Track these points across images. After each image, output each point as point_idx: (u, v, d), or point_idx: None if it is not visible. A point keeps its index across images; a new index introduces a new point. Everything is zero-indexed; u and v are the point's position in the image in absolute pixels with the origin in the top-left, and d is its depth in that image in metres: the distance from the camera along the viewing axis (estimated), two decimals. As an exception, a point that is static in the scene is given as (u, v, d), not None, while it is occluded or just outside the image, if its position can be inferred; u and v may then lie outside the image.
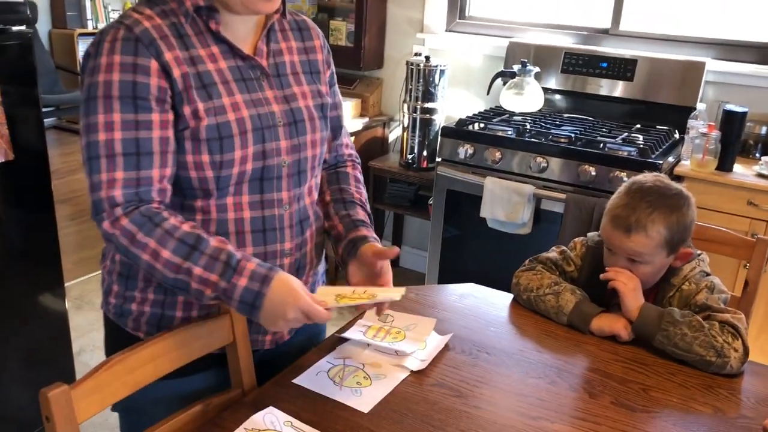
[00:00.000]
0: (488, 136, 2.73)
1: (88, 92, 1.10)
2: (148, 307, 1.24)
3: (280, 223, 1.25)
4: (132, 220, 1.10)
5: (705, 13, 2.95)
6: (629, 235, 1.39)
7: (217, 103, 1.14)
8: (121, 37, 1.09)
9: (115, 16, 6.40)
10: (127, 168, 1.09)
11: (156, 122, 1.11)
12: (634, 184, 1.45)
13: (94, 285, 3.34)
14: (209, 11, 1.15)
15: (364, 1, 3.32)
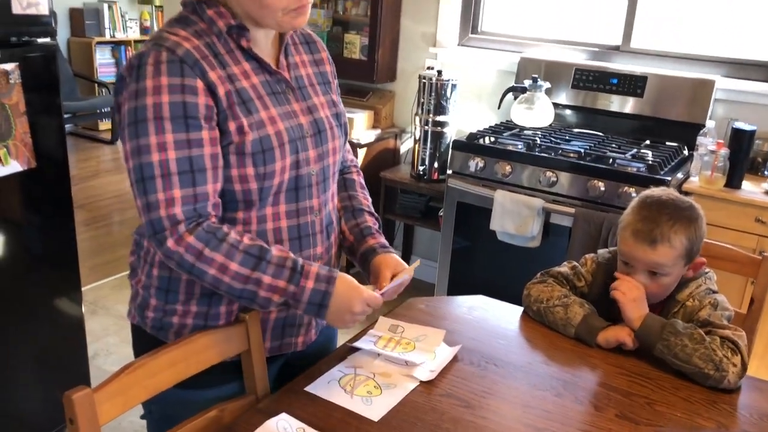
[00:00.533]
0: (499, 150, 2.76)
1: (135, 115, 1.12)
2: (190, 320, 1.28)
3: (313, 229, 1.31)
4: (197, 237, 1.13)
5: (715, 32, 2.97)
6: (655, 247, 1.41)
7: (257, 117, 1.19)
8: (165, 60, 1.12)
9: (132, 25, 6.54)
10: (183, 186, 1.13)
11: (206, 140, 1.14)
12: (648, 198, 1.47)
13: (108, 290, 3.39)
14: (240, 29, 1.20)
15: (378, 16, 3.38)
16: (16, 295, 2.17)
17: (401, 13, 3.50)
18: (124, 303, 3.16)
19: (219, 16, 1.19)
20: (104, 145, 6.10)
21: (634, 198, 2.43)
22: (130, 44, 6.55)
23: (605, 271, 1.56)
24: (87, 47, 6.20)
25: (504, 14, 3.44)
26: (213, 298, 1.26)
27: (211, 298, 1.26)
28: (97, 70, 6.26)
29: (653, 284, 1.44)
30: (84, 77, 6.12)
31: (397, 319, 1.52)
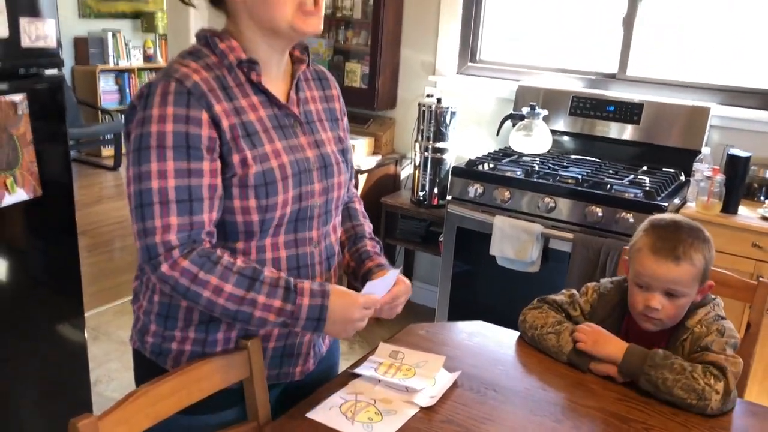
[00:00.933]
0: (497, 177, 2.80)
1: (139, 142, 1.15)
2: (188, 346, 1.30)
3: (312, 260, 1.33)
4: (192, 261, 1.16)
5: (709, 60, 3.02)
6: (678, 263, 1.42)
7: (261, 150, 1.22)
8: (173, 90, 1.15)
9: (136, 53, 6.64)
10: (180, 214, 1.15)
11: (206, 170, 1.17)
12: (661, 220, 1.50)
13: (111, 316, 3.40)
14: (250, 63, 1.23)
15: (378, 45, 3.43)
16: (20, 321, 2.18)
17: (401, 42, 3.57)
18: (125, 329, 3.19)
19: (230, 50, 1.22)
20: (107, 171, 6.15)
21: (632, 222, 2.48)
22: (133, 72, 6.64)
23: (607, 303, 1.58)
24: (91, 75, 6.28)
25: (502, 43, 3.50)
26: (210, 325, 1.28)
27: (209, 325, 1.28)
28: (101, 97, 6.34)
29: (670, 305, 1.45)
30: (88, 104, 6.20)
31: (397, 345, 1.53)
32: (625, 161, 3.00)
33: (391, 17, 3.46)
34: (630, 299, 1.51)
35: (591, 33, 3.28)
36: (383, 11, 3.39)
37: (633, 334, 1.57)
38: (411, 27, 3.53)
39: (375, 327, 3.49)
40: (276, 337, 1.33)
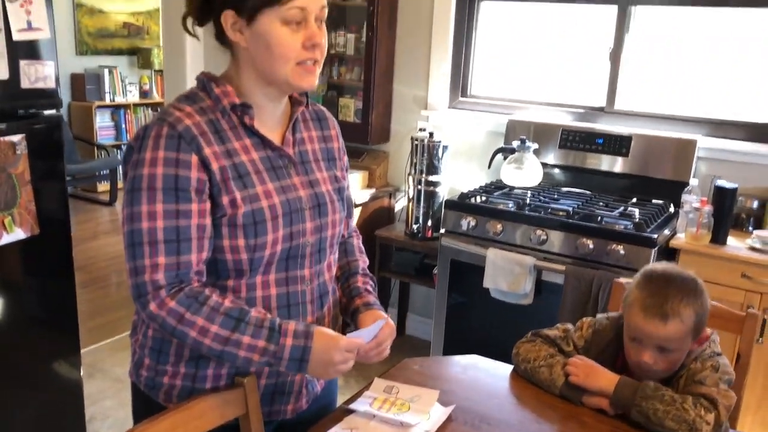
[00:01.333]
0: (490, 209, 2.84)
1: (132, 184, 1.21)
2: (179, 381, 1.32)
3: (303, 298, 1.35)
4: (179, 302, 1.20)
5: (695, 93, 3.09)
6: (666, 322, 1.41)
7: (252, 191, 1.26)
8: (165, 134, 1.20)
9: (132, 89, 6.71)
10: (168, 254, 1.19)
11: (194, 211, 1.21)
12: (653, 273, 1.49)
13: (106, 353, 3.40)
14: (243, 108, 1.27)
15: (371, 80, 3.50)
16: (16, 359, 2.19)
17: (394, 77, 3.63)
18: (121, 365, 3.19)
19: (224, 95, 1.27)
20: (102, 207, 6.18)
21: (622, 253, 2.52)
22: (129, 107, 6.70)
23: (602, 339, 1.58)
24: (87, 111, 6.34)
25: (492, 78, 3.57)
26: (200, 361, 1.30)
27: (199, 361, 1.31)
28: (97, 133, 6.39)
29: (662, 360, 1.45)
30: (84, 140, 6.25)
31: (391, 380, 1.55)
32: (615, 193, 3.05)
33: (384, 54, 3.53)
34: (625, 349, 1.52)
35: (579, 67, 3.34)
36: (376, 48, 3.46)
37: (628, 372, 1.59)
38: (403, 63, 3.60)
39: (370, 360, 3.49)
40: (267, 375, 1.35)
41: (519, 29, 3.50)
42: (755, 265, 2.47)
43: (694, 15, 3.06)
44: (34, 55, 2.07)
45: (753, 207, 2.78)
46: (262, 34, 1.21)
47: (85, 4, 6.39)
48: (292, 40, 1.22)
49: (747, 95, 2.99)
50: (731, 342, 2.41)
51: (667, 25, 3.12)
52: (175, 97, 1.32)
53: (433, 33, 3.47)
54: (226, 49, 1.30)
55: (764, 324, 2.46)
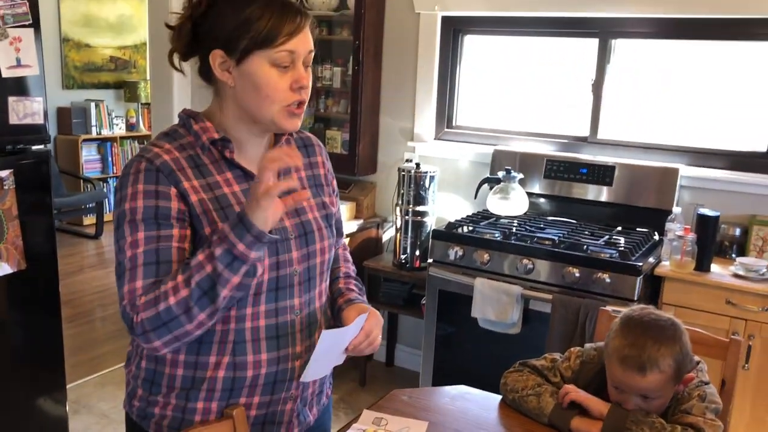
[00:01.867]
0: (476, 239, 2.86)
1: (117, 221, 1.24)
2: (170, 411, 1.32)
3: (292, 328, 1.34)
4: (146, 294, 1.19)
5: (677, 122, 3.15)
6: (644, 374, 1.41)
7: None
8: (143, 169, 1.23)
9: (119, 122, 6.72)
10: (146, 276, 1.20)
11: (176, 236, 1.23)
12: (630, 321, 1.48)
13: (92, 388, 3.36)
14: (223, 142, 1.30)
15: (357, 113, 3.54)
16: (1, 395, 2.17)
17: (380, 109, 3.68)
18: (107, 401, 3.15)
19: (203, 130, 1.29)
20: (89, 240, 6.14)
21: (608, 281, 2.54)
22: (116, 141, 6.71)
23: (590, 370, 1.59)
24: (73, 144, 6.34)
25: (477, 109, 3.62)
26: (191, 392, 1.31)
27: (189, 392, 1.31)
28: (83, 166, 6.38)
29: (647, 406, 1.45)
30: (70, 174, 6.24)
31: (380, 411, 1.55)
32: (600, 222, 3.08)
33: (370, 86, 3.57)
34: (609, 393, 1.51)
35: (562, 98, 3.40)
36: (362, 81, 3.51)
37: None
38: (389, 95, 3.65)
39: (359, 393, 3.48)
40: (257, 405, 1.34)
41: (502, 61, 3.56)
42: (739, 292, 2.50)
43: (674, 47, 3.13)
44: (22, 91, 2.08)
45: (735, 234, 2.82)
46: (250, 74, 1.24)
47: (72, 39, 6.43)
48: (280, 82, 1.24)
49: (727, 125, 3.05)
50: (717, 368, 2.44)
51: (647, 56, 3.20)
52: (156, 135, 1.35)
53: (419, 66, 3.53)
54: (209, 86, 1.33)
55: (749, 350, 2.48)
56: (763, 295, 2.46)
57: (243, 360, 1.29)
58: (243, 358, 1.29)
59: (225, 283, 1.17)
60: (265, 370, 1.31)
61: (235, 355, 1.29)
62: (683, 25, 3.00)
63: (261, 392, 1.33)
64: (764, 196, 2.84)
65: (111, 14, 6.71)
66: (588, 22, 3.18)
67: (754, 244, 2.78)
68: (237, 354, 1.29)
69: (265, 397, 1.34)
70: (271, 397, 1.34)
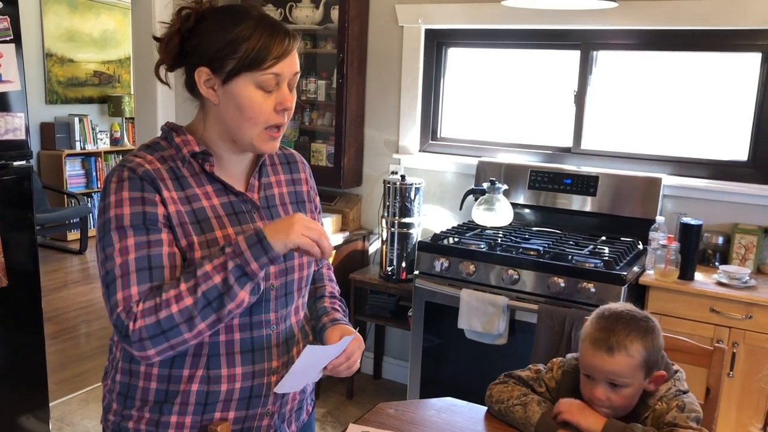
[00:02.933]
0: (462, 250, 2.86)
1: (102, 229, 1.22)
2: (143, 426, 1.31)
3: (268, 342, 1.33)
4: (145, 302, 1.17)
5: (659, 133, 3.18)
6: (612, 354, 1.44)
7: (210, 236, 1.26)
8: (126, 177, 1.23)
9: (103, 137, 6.69)
10: (140, 282, 1.19)
11: (165, 240, 1.22)
12: (606, 310, 1.53)
13: (76, 405, 3.32)
14: (204, 155, 1.30)
15: (342, 126, 3.54)
16: (-18, 416, 2.14)
17: (365, 122, 3.68)
18: (91, 418, 3.11)
19: (184, 143, 1.29)
20: (72, 256, 6.09)
21: (593, 291, 2.55)
22: (100, 155, 6.67)
23: (571, 380, 1.59)
24: (57, 159, 6.30)
25: (461, 121, 3.64)
26: (164, 406, 1.29)
27: (162, 406, 1.29)
28: (67, 181, 6.34)
29: (615, 396, 1.47)
30: (53, 189, 6.19)
31: (366, 425, 1.54)
32: (584, 232, 3.10)
33: (354, 99, 3.58)
34: (581, 386, 1.54)
35: (546, 109, 3.43)
36: (346, 94, 3.51)
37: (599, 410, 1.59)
38: (373, 108, 3.66)
39: (346, 405, 3.46)
40: (233, 420, 1.33)
41: (486, 74, 3.58)
42: (723, 300, 2.52)
43: (655, 58, 3.16)
44: (4, 107, 2.07)
45: (718, 243, 2.85)
46: (235, 95, 1.24)
47: (56, 54, 6.40)
48: (264, 104, 1.25)
49: (709, 134, 3.08)
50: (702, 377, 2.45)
51: (629, 67, 3.23)
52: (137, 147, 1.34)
53: (403, 78, 3.55)
54: (194, 99, 1.32)
55: (734, 358, 2.50)
56: (747, 302, 2.48)
57: (217, 374, 1.29)
58: (217, 372, 1.29)
59: (234, 296, 1.18)
60: (240, 384, 1.31)
61: (209, 369, 1.28)
62: (664, 36, 3.04)
63: (236, 407, 1.32)
64: (746, 204, 2.87)
65: (94, 29, 6.70)
66: (570, 35, 3.21)
67: (737, 252, 2.81)
68: (211, 367, 1.28)
69: (240, 412, 1.32)
70: (247, 412, 1.33)
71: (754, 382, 2.48)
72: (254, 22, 1.24)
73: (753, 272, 2.72)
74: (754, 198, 2.85)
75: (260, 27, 1.23)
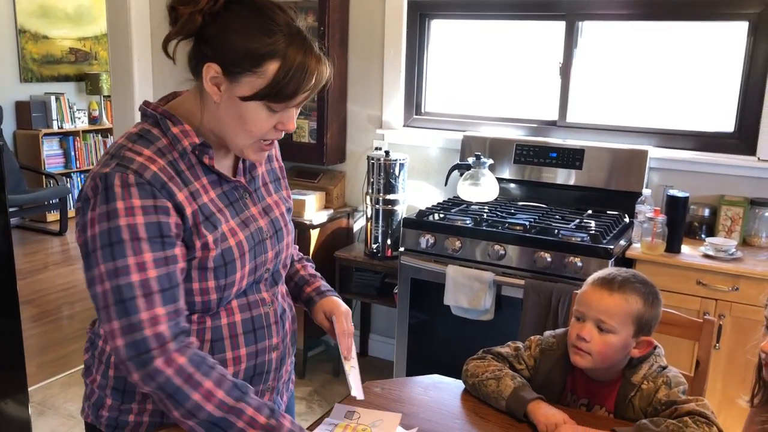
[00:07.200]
0: (447, 226, 2.83)
1: (109, 238, 1.11)
2: (146, 417, 1.27)
3: (267, 320, 1.32)
4: (190, 360, 1.12)
5: (644, 104, 3.15)
6: (611, 293, 1.48)
7: (219, 231, 1.22)
8: (133, 182, 1.12)
9: (81, 115, 6.54)
10: (167, 302, 1.13)
11: (179, 255, 1.16)
12: (618, 268, 1.57)
13: (58, 389, 3.27)
14: (202, 147, 1.22)
15: (324, 101, 3.48)
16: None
17: (347, 97, 3.62)
18: (74, 401, 3.07)
19: (184, 135, 1.20)
20: (53, 237, 6.00)
21: (580, 265, 2.53)
22: (78, 135, 6.55)
23: (549, 357, 1.59)
24: (34, 139, 6.17)
25: (445, 95, 3.58)
26: None
27: None
28: (44, 161, 6.22)
29: (599, 340, 1.47)
30: (31, 169, 6.07)
31: (352, 404, 1.51)
32: (571, 206, 3.07)
33: (336, 73, 3.51)
34: (569, 334, 1.54)
35: (531, 82, 3.38)
36: (328, 68, 3.44)
37: (579, 390, 1.58)
38: (356, 82, 3.59)
39: (332, 384, 3.44)
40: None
41: (470, 46, 3.52)
42: (709, 272, 2.51)
43: (640, 28, 3.12)
44: (-30, 82, 1.99)
45: (704, 215, 2.83)
46: (240, 105, 1.16)
47: (29, 30, 6.24)
48: (267, 122, 1.18)
49: (695, 106, 3.06)
50: (689, 349, 2.45)
51: (614, 38, 3.18)
52: (125, 134, 1.22)
53: (386, 52, 3.48)
54: (193, 80, 1.21)
55: (720, 330, 2.49)
56: (733, 274, 2.47)
57: (222, 357, 1.26)
58: (222, 356, 1.26)
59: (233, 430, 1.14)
60: (245, 364, 1.29)
61: (214, 354, 1.25)
62: (650, 6, 2.99)
63: None
64: (732, 176, 2.85)
65: (69, 5, 6.53)
66: (554, 5, 3.16)
67: (723, 224, 2.79)
68: (215, 352, 1.25)
69: None
70: None
71: (740, 354, 2.48)
72: (284, 40, 1.13)
73: (739, 244, 2.71)
74: (740, 169, 2.84)
75: (291, 50, 1.13)
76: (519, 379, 1.52)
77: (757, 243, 2.76)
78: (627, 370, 1.52)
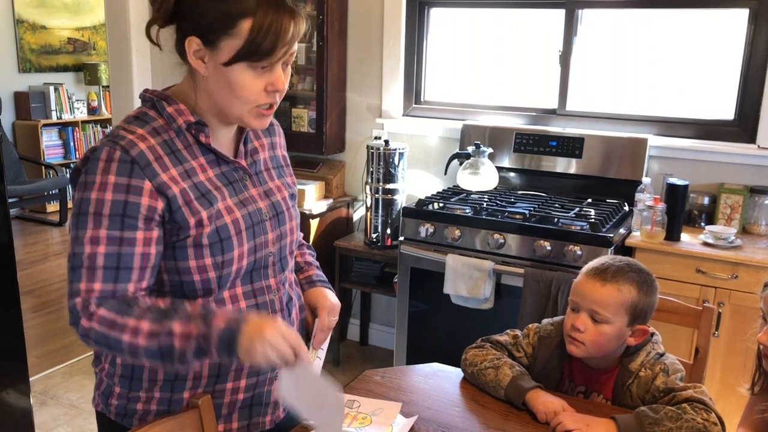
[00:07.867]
0: (447, 215, 2.83)
1: (79, 207, 1.16)
2: (154, 406, 1.28)
3: (272, 307, 1.33)
4: (108, 308, 1.14)
5: (644, 93, 3.14)
6: (604, 284, 1.48)
7: (215, 208, 1.23)
8: (117, 158, 1.14)
9: (80, 106, 6.54)
10: (105, 281, 1.15)
11: (139, 239, 1.16)
12: (614, 257, 1.57)
13: (59, 378, 3.28)
14: (199, 125, 1.23)
15: (324, 90, 3.47)
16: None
17: (346, 86, 3.61)
18: (75, 391, 3.08)
19: (179, 113, 1.22)
20: (52, 228, 6.00)
21: (579, 254, 2.54)
22: (77, 125, 6.54)
23: (547, 345, 1.60)
24: (33, 130, 6.16)
25: (445, 84, 3.57)
26: (175, 383, 1.28)
27: (174, 384, 1.28)
28: (44, 152, 6.22)
29: (594, 330, 1.48)
30: (30, 160, 6.07)
31: (352, 393, 1.52)
32: (570, 194, 3.07)
33: (335, 63, 3.50)
34: (564, 324, 1.55)
35: (530, 70, 3.37)
36: (327, 57, 3.43)
37: (577, 377, 1.59)
38: (355, 71, 3.58)
39: (333, 373, 3.45)
40: (244, 389, 1.33)
41: (469, 34, 3.51)
42: (709, 260, 2.51)
43: (640, 16, 3.11)
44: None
45: (704, 203, 2.83)
46: (224, 71, 1.17)
47: (27, 20, 6.22)
48: (255, 84, 1.18)
49: (695, 94, 3.05)
50: (688, 337, 2.46)
51: (614, 26, 3.17)
52: (124, 117, 1.26)
53: (385, 40, 3.47)
54: (183, 63, 1.23)
55: (719, 317, 2.50)
56: (732, 262, 2.47)
57: None
58: None
59: (184, 362, 1.14)
60: None
61: None
62: (649, -7, 2.98)
63: (247, 375, 1.32)
64: (732, 164, 2.85)
65: (67, -6, 6.50)
66: (554, -7, 3.14)
67: (723, 212, 2.79)
68: None
69: (251, 379, 1.32)
70: (257, 379, 1.34)
71: (739, 342, 2.49)
72: None
73: (739, 232, 2.71)
74: (740, 157, 2.84)
75: (263, 6, 1.13)
76: (517, 368, 1.53)
77: (756, 231, 2.76)
78: (624, 357, 1.52)
